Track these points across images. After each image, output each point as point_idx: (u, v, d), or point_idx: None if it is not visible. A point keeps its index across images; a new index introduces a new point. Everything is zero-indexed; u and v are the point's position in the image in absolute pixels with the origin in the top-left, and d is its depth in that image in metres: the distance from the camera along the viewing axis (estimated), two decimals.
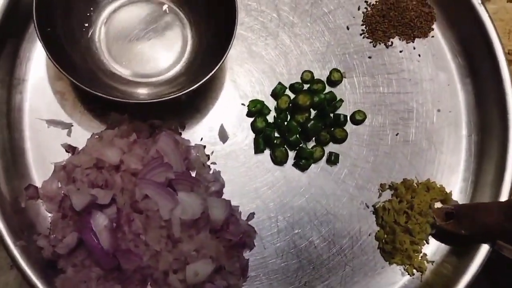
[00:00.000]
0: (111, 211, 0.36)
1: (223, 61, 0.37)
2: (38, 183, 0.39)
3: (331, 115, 0.44)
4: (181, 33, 0.43)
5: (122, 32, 0.42)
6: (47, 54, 0.35)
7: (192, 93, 0.38)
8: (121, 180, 0.37)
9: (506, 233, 0.39)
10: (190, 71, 0.42)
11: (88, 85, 0.36)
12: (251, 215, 0.41)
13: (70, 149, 0.40)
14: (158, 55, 0.42)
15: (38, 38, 0.35)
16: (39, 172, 0.39)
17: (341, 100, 0.44)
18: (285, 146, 0.43)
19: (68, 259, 0.36)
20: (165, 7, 0.43)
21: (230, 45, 0.38)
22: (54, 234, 0.36)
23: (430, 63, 0.47)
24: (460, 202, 0.43)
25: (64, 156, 0.40)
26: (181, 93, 0.37)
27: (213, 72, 0.37)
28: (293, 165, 0.43)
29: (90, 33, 0.42)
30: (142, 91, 0.41)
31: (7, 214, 0.35)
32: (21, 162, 0.39)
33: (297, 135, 0.43)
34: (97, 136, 0.39)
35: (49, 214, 0.38)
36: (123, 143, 0.38)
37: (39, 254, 0.36)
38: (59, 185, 0.38)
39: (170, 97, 0.37)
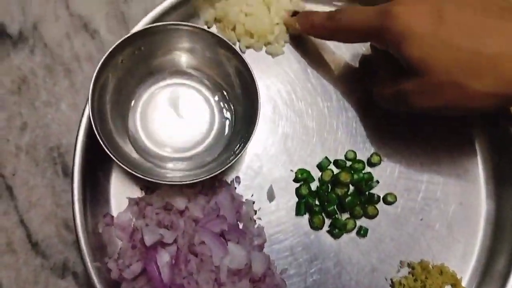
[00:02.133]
0: (172, 249, 0.43)
1: (248, 144, 0.43)
2: (114, 213, 0.47)
3: (367, 193, 0.50)
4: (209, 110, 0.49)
5: (159, 111, 0.48)
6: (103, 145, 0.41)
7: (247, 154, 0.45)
8: (184, 224, 0.44)
9: (325, 29, 0.47)
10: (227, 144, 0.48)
11: (132, 164, 0.42)
12: (284, 270, 0.47)
13: (144, 188, 0.47)
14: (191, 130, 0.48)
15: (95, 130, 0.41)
16: (115, 203, 0.47)
17: (377, 182, 0.51)
18: (323, 214, 0.49)
19: (131, 284, 0.43)
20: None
21: (254, 129, 0.44)
22: (122, 259, 0.43)
23: (462, 162, 0.53)
24: None
25: (138, 194, 0.47)
26: (211, 175, 0.43)
27: (243, 151, 0.43)
28: (327, 231, 0.49)
29: (131, 111, 0.48)
30: (182, 165, 0.47)
31: (89, 236, 0.43)
32: (103, 190, 0.47)
33: (335, 206, 0.49)
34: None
35: (119, 241, 0.46)
36: (190, 192, 0.45)
37: (107, 273, 0.43)
38: (131, 218, 0.46)
39: (201, 179, 0.42)
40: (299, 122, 0.52)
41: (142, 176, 0.41)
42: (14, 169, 0.51)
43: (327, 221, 0.49)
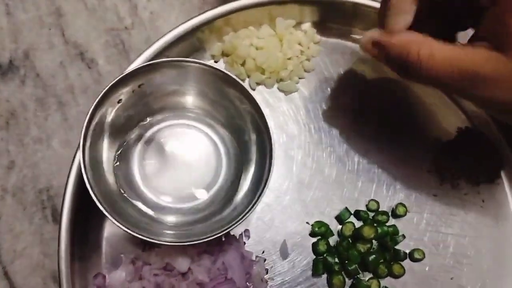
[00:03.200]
0: None
1: (260, 196, 0.38)
2: (106, 272, 0.41)
3: (392, 249, 0.45)
4: (215, 153, 0.44)
5: (159, 155, 0.43)
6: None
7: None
8: None
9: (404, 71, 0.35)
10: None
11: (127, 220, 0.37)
12: None
13: (142, 244, 0.42)
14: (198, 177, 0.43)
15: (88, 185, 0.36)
16: (109, 262, 0.41)
17: (403, 236, 0.45)
18: (343, 273, 0.43)
19: None
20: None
21: (264, 189, 0.38)
22: None
23: (493, 211, 0.48)
24: None
25: (135, 251, 0.41)
26: (221, 233, 0.37)
27: (252, 209, 0.37)
28: None
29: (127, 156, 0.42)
30: (184, 219, 0.42)
31: None
32: (96, 247, 0.42)
33: (357, 265, 0.44)
34: None
35: None
36: (194, 251, 0.40)
37: None
38: (126, 279, 0.40)
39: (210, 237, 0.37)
40: (315, 168, 0.47)
41: (139, 236, 0.36)
42: None
43: (348, 282, 0.43)
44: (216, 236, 0.36)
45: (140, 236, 0.36)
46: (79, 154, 0.36)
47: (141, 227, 0.38)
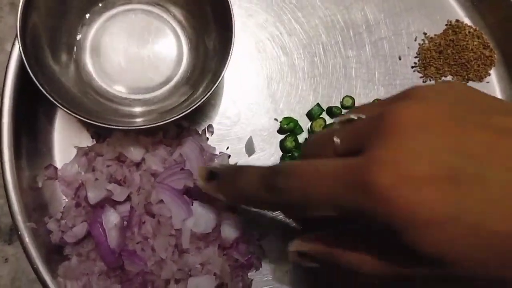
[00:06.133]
0: (124, 209, 0.35)
1: (220, 79, 0.35)
2: (58, 164, 0.39)
3: None
4: (176, 41, 0.40)
5: (113, 45, 0.39)
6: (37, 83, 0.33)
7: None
8: (139, 179, 0.36)
9: (264, 203, 0.30)
10: (193, 80, 0.40)
11: (78, 106, 0.34)
12: (264, 234, 0.40)
13: (96, 136, 0.39)
14: (154, 67, 0.40)
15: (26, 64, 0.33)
16: (61, 154, 0.39)
17: None
18: None
19: (75, 248, 0.35)
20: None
21: (230, 53, 0.35)
22: (65, 220, 0.36)
23: None
24: None
25: (88, 143, 0.39)
26: (175, 117, 0.34)
27: (210, 91, 0.35)
28: None
29: (79, 44, 0.39)
30: (140, 109, 0.39)
31: (23, 191, 0.35)
32: (45, 140, 0.39)
33: None
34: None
35: (64, 198, 0.38)
36: (148, 141, 0.37)
37: (47, 237, 0.36)
38: (79, 171, 0.38)
39: (167, 120, 0.34)
40: (287, 62, 0.43)
41: (89, 121, 0.33)
42: None
43: None
44: (171, 119, 0.34)
45: (91, 121, 0.33)
46: (18, 36, 0.33)
47: (93, 114, 0.35)
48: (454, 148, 0.23)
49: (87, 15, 0.39)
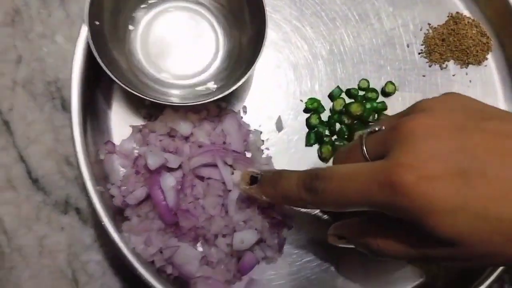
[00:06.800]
0: (177, 174, 0.41)
1: (251, 71, 0.40)
2: (116, 141, 0.45)
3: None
4: (214, 35, 0.46)
5: (161, 36, 0.45)
6: (96, 56, 0.38)
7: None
8: (189, 149, 0.42)
9: (304, 203, 0.34)
10: (229, 68, 0.45)
11: (134, 87, 0.40)
12: None
13: (148, 116, 0.45)
14: (196, 57, 0.46)
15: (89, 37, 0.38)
16: (118, 132, 0.45)
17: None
18: (332, 145, 0.47)
19: (134, 210, 0.41)
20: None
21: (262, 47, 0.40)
22: (125, 186, 0.41)
23: (479, 90, 0.50)
24: None
25: (141, 122, 0.45)
26: (211, 99, 0.40)
27: (245, 77, 0.40)
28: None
29: (131, 35, 0.45)
30: (185, 92, 0.44)
31: (91, 163, 0.41)
32: (104, 121, 0.45)
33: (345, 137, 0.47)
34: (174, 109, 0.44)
35: (121, 169, 0.44)
36: (195, 118, 0.43)
37: (109, 201, 0.42)
38: (134, 145, 0.44)
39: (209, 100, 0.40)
40: (309, 51, 0.49)
41: (145, 97, 0.39)
42: (11, 104, 0.49)
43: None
44: (213, 99, 0.40)
45: (147, 98, 0.39)
46: (87, 27, 0.39)
47: (148, 93, 0.41)
48: (459, 150, 0.27)
49: (142, 5, 0.45)
